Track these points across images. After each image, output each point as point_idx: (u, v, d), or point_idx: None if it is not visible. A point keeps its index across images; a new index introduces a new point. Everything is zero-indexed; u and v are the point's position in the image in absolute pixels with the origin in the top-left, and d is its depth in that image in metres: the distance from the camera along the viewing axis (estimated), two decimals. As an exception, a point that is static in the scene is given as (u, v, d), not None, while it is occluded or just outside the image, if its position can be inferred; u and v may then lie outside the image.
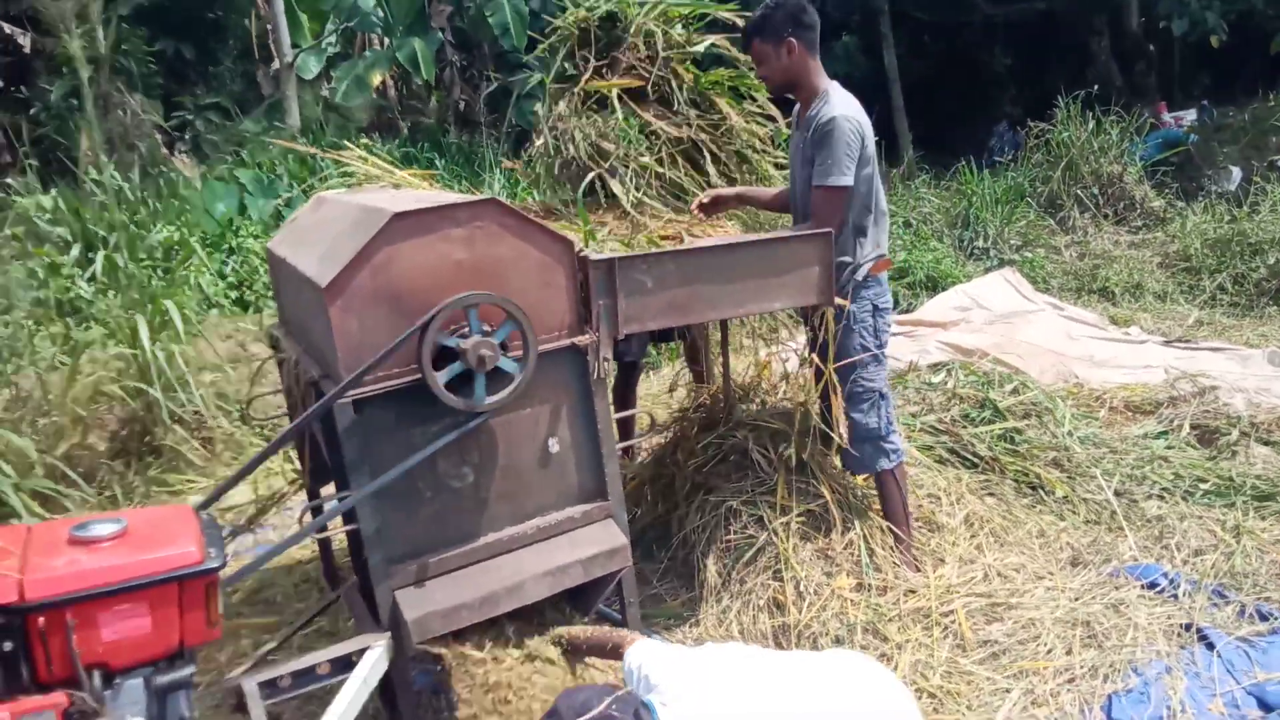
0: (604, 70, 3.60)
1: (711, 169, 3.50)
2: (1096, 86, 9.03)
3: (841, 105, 2.99)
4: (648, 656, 2.11)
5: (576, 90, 3.56)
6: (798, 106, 3.25)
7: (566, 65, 3.68)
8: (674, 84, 3.51)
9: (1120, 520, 3.47)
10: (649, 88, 3.53)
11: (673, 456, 3.64)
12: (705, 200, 3.31)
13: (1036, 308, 6.37)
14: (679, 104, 3.50)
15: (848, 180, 2.95)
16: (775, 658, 2.25)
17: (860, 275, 3.09)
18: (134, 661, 1.73)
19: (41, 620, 1.64)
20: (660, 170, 3.38)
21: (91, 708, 1.68)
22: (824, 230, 2.86)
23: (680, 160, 3.49)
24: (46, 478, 4.14)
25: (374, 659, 2.29)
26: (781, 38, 3.03)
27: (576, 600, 2.73)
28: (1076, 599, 3.07)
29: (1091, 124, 8.50)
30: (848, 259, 3.07)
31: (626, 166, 3.33)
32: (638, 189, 3.33)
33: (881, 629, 2.89)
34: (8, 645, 1.65)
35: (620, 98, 3.48)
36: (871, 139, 3.04)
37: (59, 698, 1.67)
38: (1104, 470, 3.76)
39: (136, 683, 1.74)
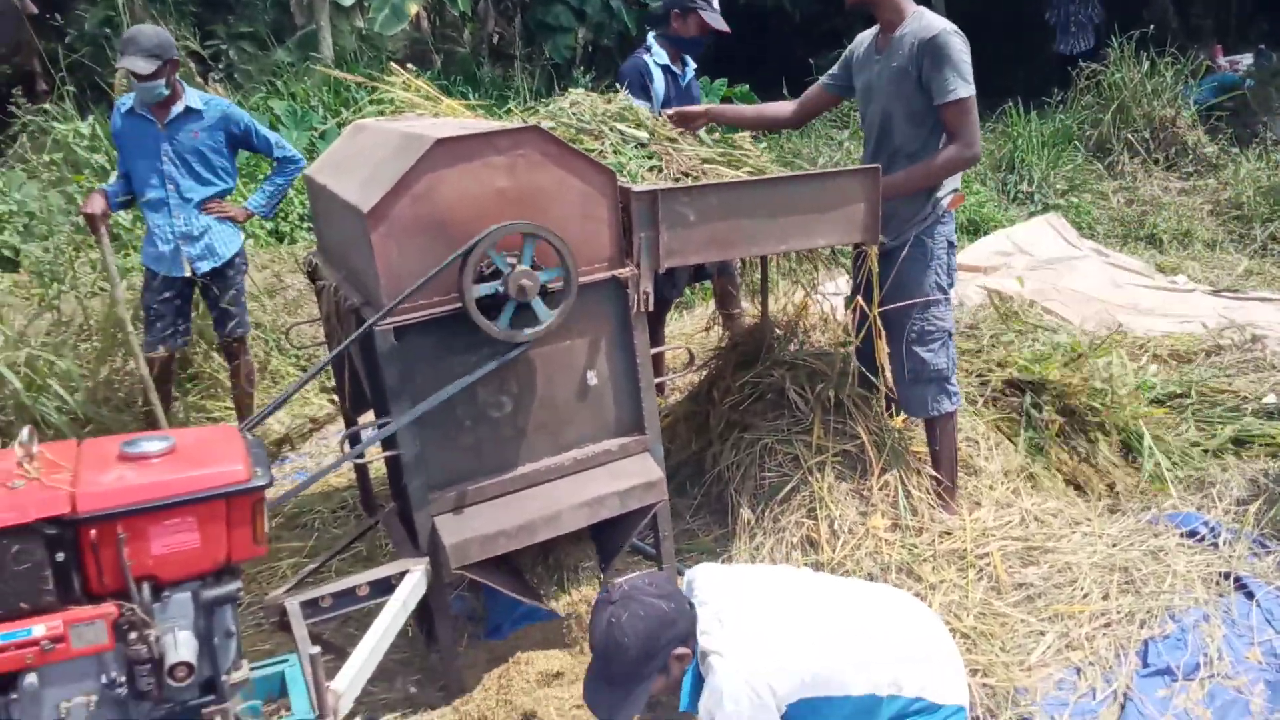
0: None
1: None
2: (1152, 27, 8.72)
3: (945, 23, 2.89)
4: (702, 572, 2.16)
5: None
6: (875, 33, 3.11)
7: None
8: None
9: (1162, 469, 3.42)
10: None
11: (708, 394, 3.63)
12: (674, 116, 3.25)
13: (1081, 254, 6.24)
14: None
15: (971, 89, 2.86)
16: (817, 580, 2.27)
17: (940, 210, 3.01)
18: (182, 575, 1.76)
19: (93, 532, 1.67)
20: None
21: (141, 619, 1.72)
22: (872, 166, 2.80)
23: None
24: (88, 401, 4.21)
25: (413, 583, 2.32)
26: None
27: (611, 532, 2.75)
28: (1114, 545, 3.04)
29: (1145, 66, 8.22)
30: (925, 191, 2.98)
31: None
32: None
33: (916, 569, 2.88)
34: (60, 556, 1.69)
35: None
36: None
37: (109, 608, 1.71)
38: (1145, 417, 3.69)
39: (185, 596, 1.77)
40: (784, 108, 3.50)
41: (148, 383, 3.75)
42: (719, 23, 4.07)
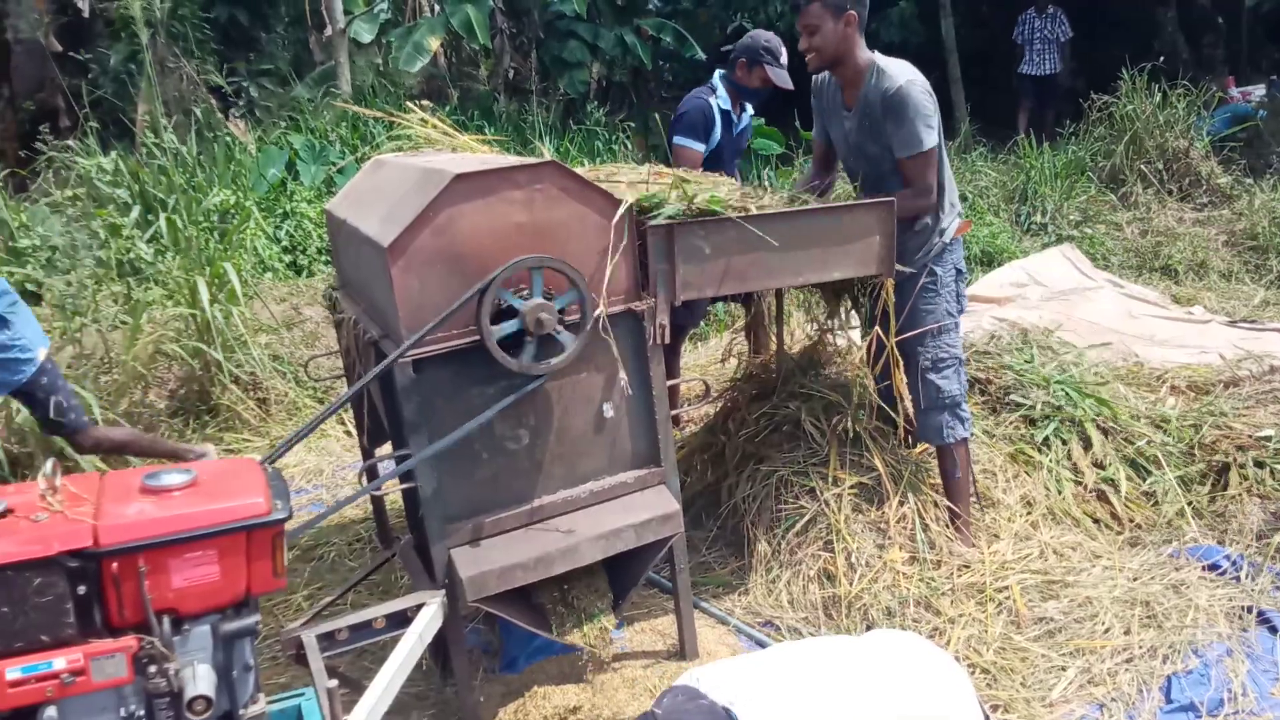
0: None
1: None
2: (1162, 59, 8.74)
3: (902, 72, 2.91)
4: (706, 678, 2.08)
5: None
6: (831, 86, 3.13)
7: None
8: None
9: (1181, 501, 3.39)
10: None
11: (723, 426, 3.63)
12: None
13: (1096, 285, 6.22)
14: None
15: (933, 141, 2.89)
16: (827, 646, 2.23)
17: (946, 238, 3.03)
18: (202, 608, 1.77)
19: (115, 565, 1.68)
20: None
21: (161, 652, 1.72)
22: (887, 199, 2.81)
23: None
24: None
25: (429, 615, 2.32)
26: (844, 8, 2.92)
27: (627, 565, 2.74)
28: (1135, 579, 3.01)
29: (1157, 97, 8.24)
30: (928, 221, 3.01)
31: None
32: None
33: (934, 603, 2.86)
34: (82, 589, 1.70)
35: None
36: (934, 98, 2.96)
37: (130, 641, 1.72)
38: (1166, 451, 3.67)
39: (204, 629, 1.77)
40: (816, 176, 3.46)
41: None
42: (784, 81, 4.03)
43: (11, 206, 5.94)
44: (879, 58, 2.99)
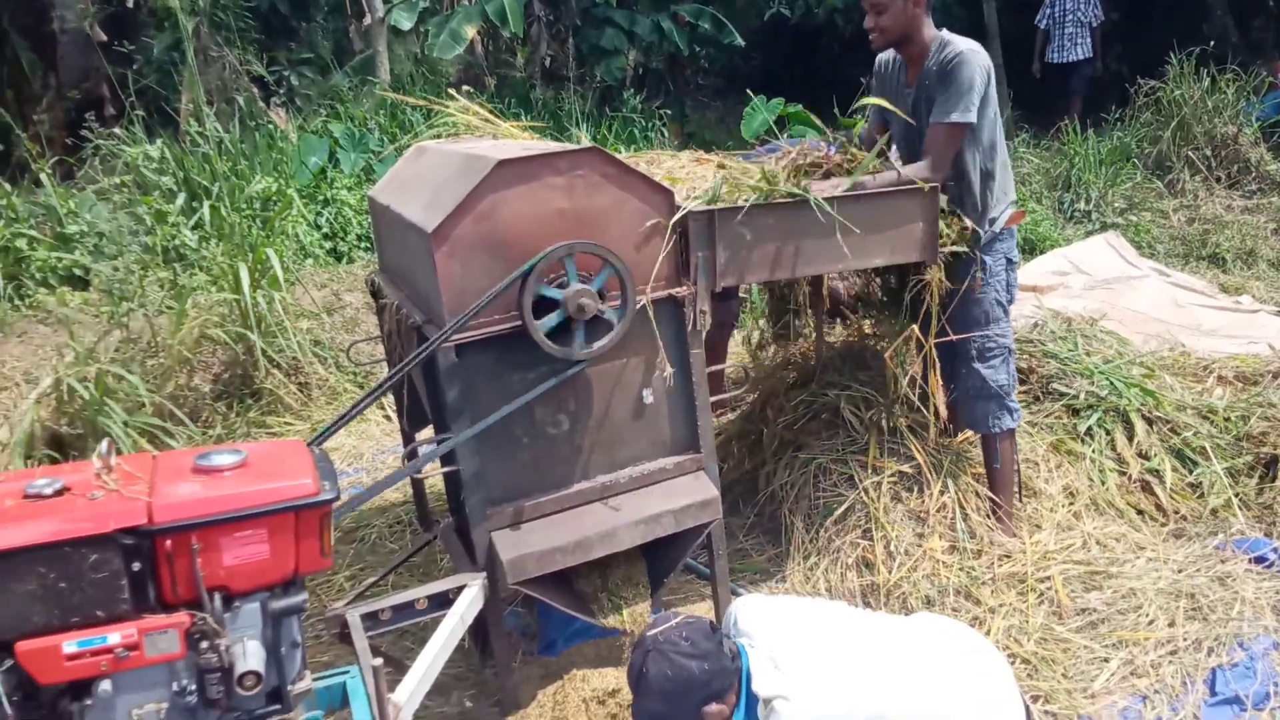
0: None
1: None
2: (1211, 43, 8.54)
3: (966, 43, 2.85)
4: (745, 608, 2.12)
5: None
6: (895, 60, 3.10)
7: None
8: None
9: (1228, 492, 3.33)
10: None
11: (761, 413, 3.62)
12: None
13: (1141, 273, 6.11)
14: None
15: (971, 117, 2.79)
16: (867, 617, 2.25)
17: (997, 227, 2.98)
18: (252, 586, 1.80)
19: (168, 543, 1.71)
20: None
21: (213, 628, 1.76)
22: (931, 185, 2.78)
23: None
24: (154, 416, 4.32)
25: (471, 597, 2.35)
26: None
27: (665, 550, 2.75)
28: (1180, 571, 2.97)
29: (1206, 82, 8.06)
30: (978, 208, 2.96)
31: None
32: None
33: (974, 592, 2.85)
34: (136, 566, 1.73)
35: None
36: (994, 80, 2.89)
37: (182, 617, 1.75)
38: (1213, 443, 3.61)
39: (254, 606, 1.81)
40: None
41: None
42: None
43: (60, 193, 6.06)
44: (945, 34, 2.92)
